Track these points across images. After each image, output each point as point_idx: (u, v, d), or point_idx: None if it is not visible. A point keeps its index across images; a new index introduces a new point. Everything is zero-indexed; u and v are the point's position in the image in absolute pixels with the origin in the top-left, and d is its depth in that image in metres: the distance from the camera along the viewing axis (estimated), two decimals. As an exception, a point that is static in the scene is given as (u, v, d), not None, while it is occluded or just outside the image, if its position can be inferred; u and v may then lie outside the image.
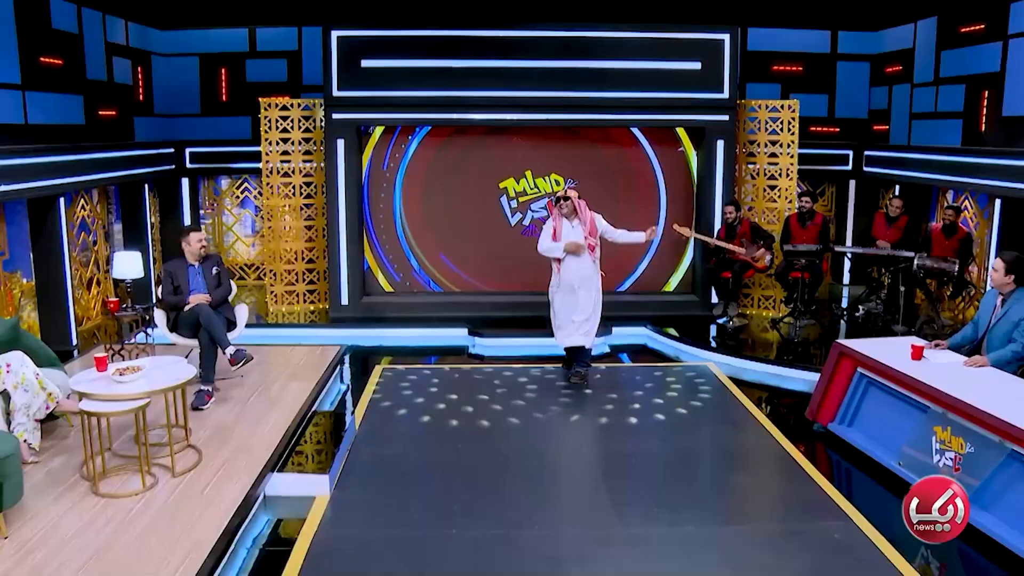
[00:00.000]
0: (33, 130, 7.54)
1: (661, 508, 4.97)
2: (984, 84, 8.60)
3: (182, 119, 10.69)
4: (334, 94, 8.93)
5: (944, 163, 9.06)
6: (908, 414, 5.20)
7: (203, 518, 4.36)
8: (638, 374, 7.72)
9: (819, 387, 6.08)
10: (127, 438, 5.38)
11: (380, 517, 4.83)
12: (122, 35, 9.51)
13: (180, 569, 3.85)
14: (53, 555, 3.96)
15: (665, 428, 6.30)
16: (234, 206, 11.29)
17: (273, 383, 6.61)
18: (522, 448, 5.94)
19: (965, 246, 8.62)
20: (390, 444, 5.93)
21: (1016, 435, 4.26)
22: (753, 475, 5.68)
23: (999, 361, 5.23)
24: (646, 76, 9.07)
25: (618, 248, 9.58)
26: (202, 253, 6.40)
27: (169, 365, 5.21)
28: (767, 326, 9.19)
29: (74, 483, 4.78)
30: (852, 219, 11.39)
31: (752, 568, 4.28)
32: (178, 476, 4.87)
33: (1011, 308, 5.32)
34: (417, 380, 7.36)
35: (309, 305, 9.72)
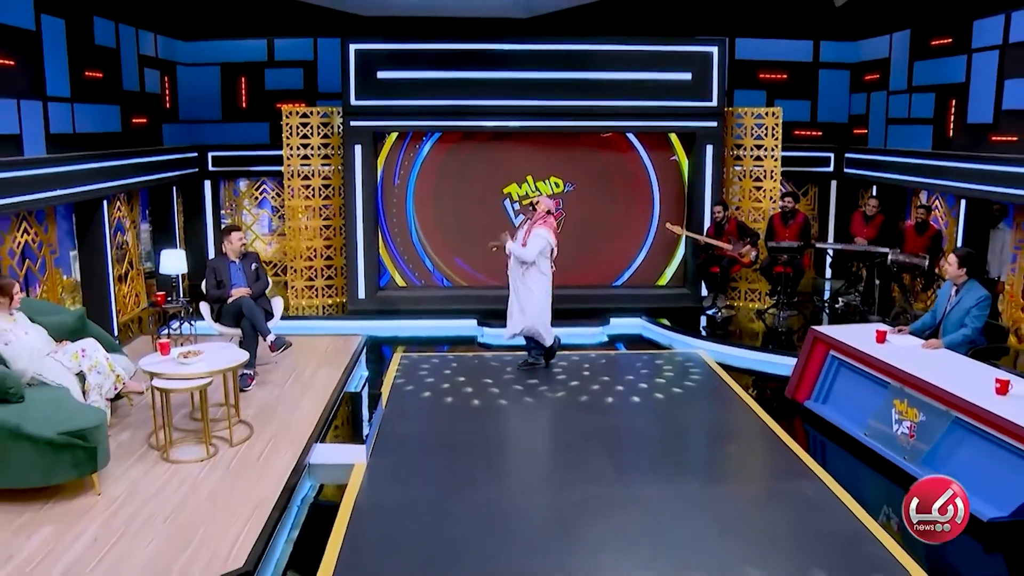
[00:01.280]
0: (80, 138, 8.20)
1: (656, 472, 5.72)
2: (951, 93, 9.33)
3: (205, 125, 11.33)
4: (352, 103, 9.63)
5: (915, 166, 9.79)
6: (872, 390, 5.94)
7: (261, 481, 5.06)
8: (634, 360, 8.44)
9: (796, 369, 6.83)
10: (183, 415, 6.08)
11: (410, 480, 5.54)
12: (152, 47, 10.17)
13: (250, 520, 4.55)
14: (140, 509, 4.66)
15: (659, 406, 7.03)
16: (252, 206, 11.96)
17: (305, 368, 7.32)
18: (532, 422, 6.68)
19: (935, 242, 9.34)
20: (414, 420, 6.66)
21: (959, 405, 5.00)
22: (737, 445, 6.41)
23: (952, 344, 5.97)
24: (640, 86, 9.79)
25: (614, 244, 10.37)
26: (242, 250, 7.10)
27: (223, 350, 5.91)
28: (753, 316, 9.93)
29: (144, 452, 5.48)
30: (834, 217, 12.11)
31: (735, 521, 4.99)
32: (235, 446, 5.58)
33: (963, 298, 6.07)
34: (433, 366, 8.07)
35: (327, 299, 10.41)
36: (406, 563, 4.46)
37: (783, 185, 11.28)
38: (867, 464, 5.76)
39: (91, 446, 4.69)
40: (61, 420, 4.73)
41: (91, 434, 4.72)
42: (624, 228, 10.41)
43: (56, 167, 7.48)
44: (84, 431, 4.69)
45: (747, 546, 4.64)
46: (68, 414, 4.86)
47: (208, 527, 4.45)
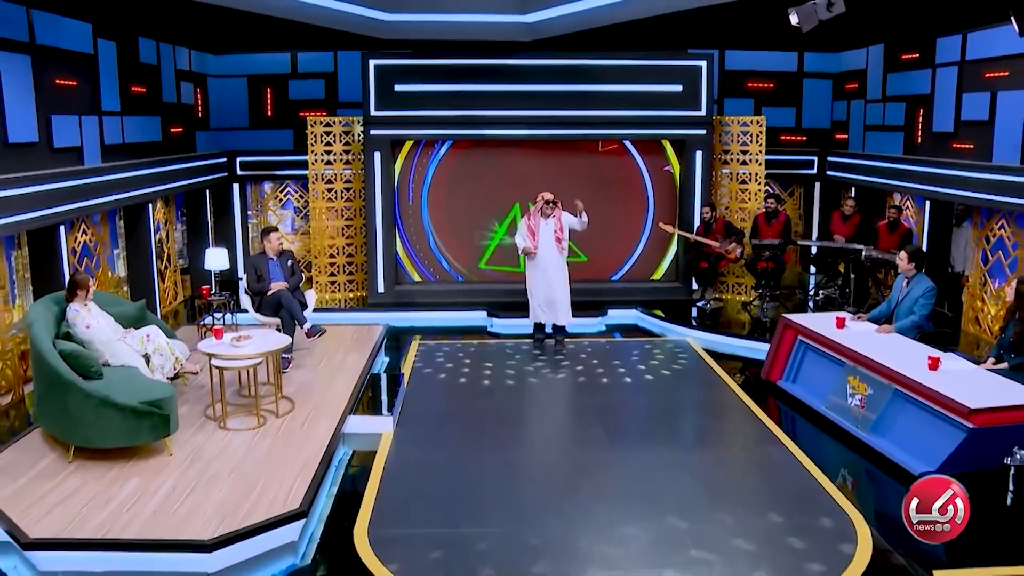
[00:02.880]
0: (128, 148, 9.11)
1: (642, 439, 6.64)
2: (919, 103, 10.17)
3: (233, 132, 12.22)
4: (372, 113, 10.54)
5: (887, 169, 10.64)
6: (831, 369, 6.83)
7: (307, 444, 5.97)
8: (628, 347, 9.33)
9: (770, 352, 7.72)
10: (232, 392, 6.99)
11: (431, 447, 6.44)
12: (186, 62, 11.08)
13: (299, 475, 5.45)
14: (207, 467, 5.58)
15: (648, 386, 7.92)
16: (277, 207, 12.85)
17: (335, 353, 8.24)
18: (536, 399, 7.61)
19: (906, 240, 10.17)
20: (433, 397, 7.58)
21: (898, 379, 5.89)
22: (715, 418, 7.31)
23: (902, 329, 6.86)
24: (636, 97, 10.68)
25: (612, 242, 11.23)
26: (279, 248, 8.01)
27: (268, 335, 6.83)
28: (740, 308, 10.81)
29: (203, 422, 6.40)
30: (817, 216, 12.96)
31: (708, 479, 5.88)
32: (280, 417, 6.50)
33: (912, 288, 6.96)
34: (448, 352, 8.97)
35: (348, 293, 11.32)
36: (431, 510, 5.35)
37: (769, 186, 12.14)
38: (827, 433, 6.65)
39: (165, 414, 5.60)
40: (139, 392, 5.66)
41: (165, 403, 5.64)
42: (621, 227, 11.29)
43: (111, 175, 8.40)
44: (159, 401, 5.61)
45: (717, 496, 5.53)
46: (144, 387, 5.79)
47: (266, 480, 5.36)
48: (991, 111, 8.74)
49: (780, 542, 4.88)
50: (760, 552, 4.76)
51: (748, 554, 4.75)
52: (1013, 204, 8.07)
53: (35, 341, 5.72)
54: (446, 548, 4.82)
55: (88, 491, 5.13)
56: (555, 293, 8.86)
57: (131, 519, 4.78)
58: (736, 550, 4.79)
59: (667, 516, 5.21)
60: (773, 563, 4.64)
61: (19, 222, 6.82)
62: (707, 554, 4.74)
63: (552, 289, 8.84)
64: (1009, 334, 6.07)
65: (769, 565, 4.62)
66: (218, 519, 4.77)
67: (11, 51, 6.96)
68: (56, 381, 5.49)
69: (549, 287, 8.84)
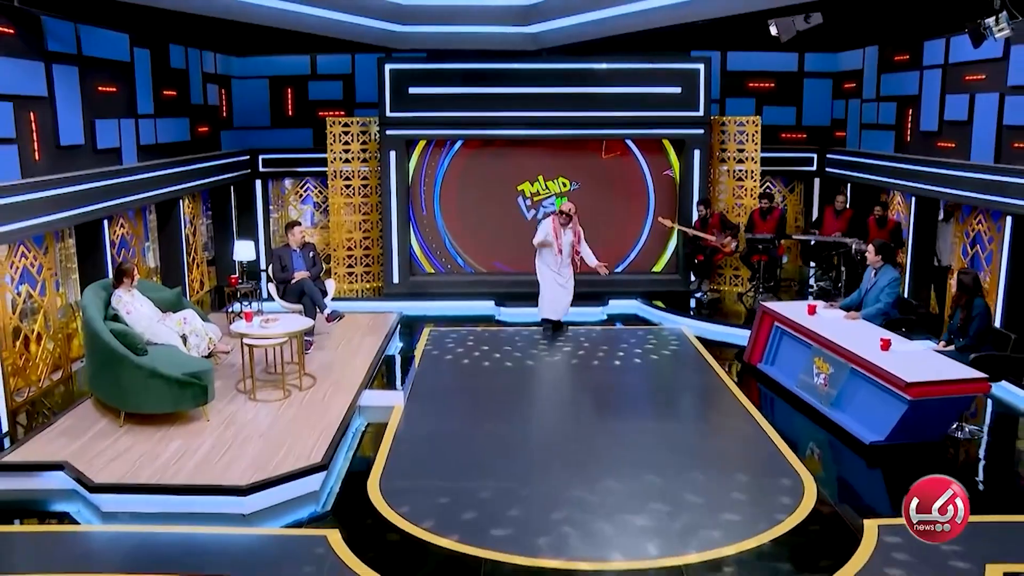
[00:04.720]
0: (161, 148, 9.87)
1: (629, 413, 7.35)
2: (908, 104, 10.71)
3: (255, 131, 12.96)
4: (387, 114, 11.25)
5: (879, 166, 11.19)
6: (802, 351, 7.46)
7: (328, 414, 6.70)
8: (625, 334, 9.98)
9: (751, 338, 8.35)
10: (259, 370, 7.72)
11: (437, 418, 7.15)
12: (212, 64, 11.83)
13: (320, 437, 6.18)
14: (241, 430, 6.33)
15: (639, 368, 8.58)
16: (297, 202, 13.60)
17: (352, 337, 8.97)
18: (536, 378, 8.31)
19: (895, 234, 10.73)
20: (442, 375, 8.29)
21: (854, 358, 6.52)
22: (696, 396, 7.97)
23: (868, 316, 7.47)
24: (637, 98, 11.31)
25: (614, 236, 11.86)
26: (302, 240, 8.74)
27: (293, 318, 7.57)
28: (735, 299, 11.42)
29: (235, 395, 7.15)
30: (817, 211, 13.49)
31: (685, 446, 6.57)
32: (303, 391, 7.23)
33: (879, 279, 7.56)
34: (457, 337, 9.68)
35: (365, 284, 12.05)
36: (438, 468, 6.08)
37: (771, 183, 12.71)
38: (796, 409, 7.29)
39: (204, 384, 6.36)
40: (181, 365, 6.41)
41: (204, 376, 6.39)
42: (623, 222, 11.93)
43: (146, 173, 9.17)
44: (199, 373, 6.36)
45: (691, 459, 6.22)
46: (185, 362, 6.55)
47: (292, 440, 6.10)
48: (970, 112, 9.28)
49: (740, 495, 5.58)
50: (721, 503, 5.46)
51: (710, 503, 5.45)
52: (988, 201, 8.62)
53: (89, 322, 6.48)
54: (451, 496, 5.55)
55: (139, 449, 5.91)
56: (563, 299, 9.73)
57: (178, 470, 5.56)
58: (700, 500, 5.49)
59: (645, 474, 5.89)
60: (733, 511, 5.34)
61: (71, 216, 7.60)
62: (675, 503, 5.45)
63: (562, 292, 9.70)
64: (956, 320, 6.68)
65: (729, 513, 5.31)
66: (251, 471, 5.54)
67: (63, 63, 7.73)
68: (110, 356, 6.26)
69: (561, 291, 9.68)
